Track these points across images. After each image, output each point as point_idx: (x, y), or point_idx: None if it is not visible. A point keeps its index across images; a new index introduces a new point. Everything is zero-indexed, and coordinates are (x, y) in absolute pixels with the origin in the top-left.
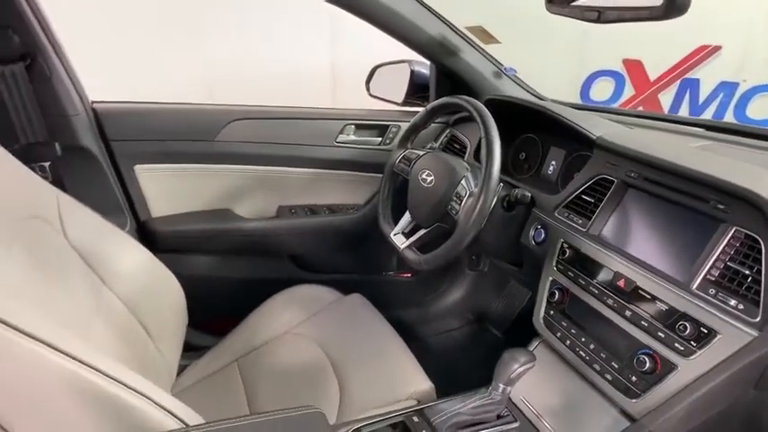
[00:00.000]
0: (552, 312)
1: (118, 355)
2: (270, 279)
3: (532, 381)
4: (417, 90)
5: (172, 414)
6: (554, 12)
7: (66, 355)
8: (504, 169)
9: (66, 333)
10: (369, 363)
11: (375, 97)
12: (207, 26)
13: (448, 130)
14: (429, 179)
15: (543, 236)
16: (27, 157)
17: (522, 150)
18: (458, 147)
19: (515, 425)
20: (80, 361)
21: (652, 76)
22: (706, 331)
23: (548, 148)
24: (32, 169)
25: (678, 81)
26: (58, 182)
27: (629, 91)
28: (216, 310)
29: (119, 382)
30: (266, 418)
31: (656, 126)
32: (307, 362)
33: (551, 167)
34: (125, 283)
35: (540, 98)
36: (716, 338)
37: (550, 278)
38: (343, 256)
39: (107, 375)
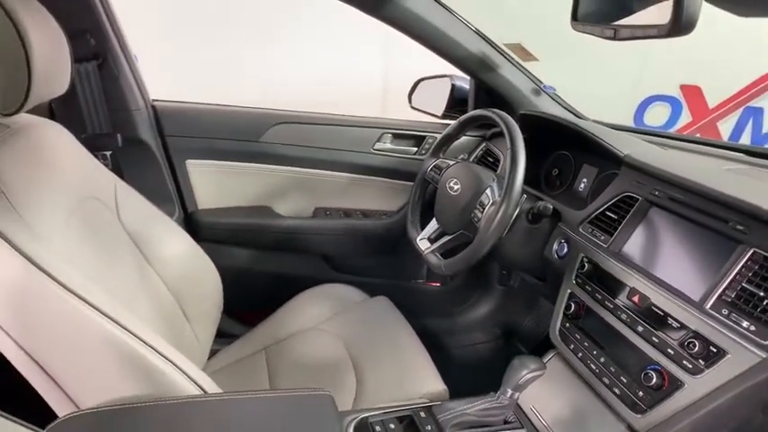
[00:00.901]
0: (568, 325)
1: (157, 329)
2: (302, 276)
3: (543, 391)
4: (457, 104)
5: (194, 382)
6: (578, 29)
7: (107, 316)
8: (536, 184)
9: (109, 299)
10: (387, 361)
11: (416, 109)
12: (268, 33)
13: (483, 144)
14: (456, 187)
15: (566, 250)
16: (92, 145)
17: (555, 166)
18: (491, 160)
19: (522, 431)
20: (118, 323)
21: (711, 103)
22: (715, 350)
23: (580, 165)
24: (96, 157)
25: (739, 109)
26: (117, 170)
27: (685, 117)
28: (250, 300)
29: (150, 347)
30: (278, 395)
31: (694, 149)
32: (328, 356)
33: (583, 184)
34: (168, 266)
35: (579, 116)
36: (724, 358)
37: (568, 291)
38: (374, 260)
39: (140, 339)
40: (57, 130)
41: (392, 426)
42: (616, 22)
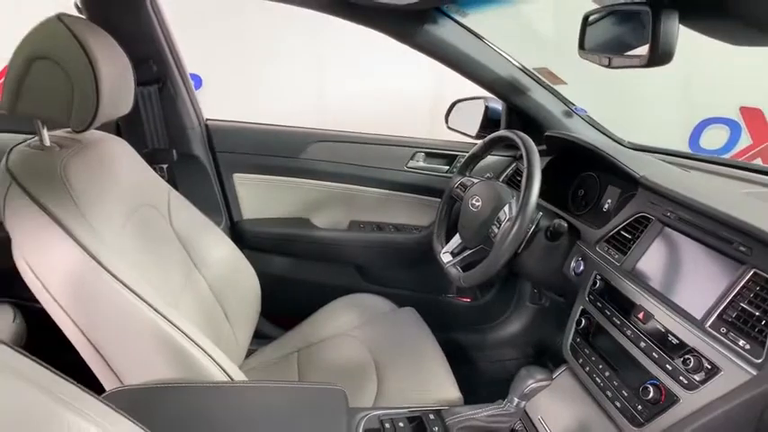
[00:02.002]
0: (579, 340)
1: (198, 325)
2: (336, 285)
3: (552, 403)
4: (490, 125)
5: (223, 370)
6: (583, 57)
7: (152, 307)
8: (562, 204)
9: (156, 294)
10: (407, 367)
11: (452, 130)
12: (326, 53)
13: (514, 164)
14: (477, 204)
15: (582, 267)
16: (152, 159)
17: (581, 187)
18: (519, 179)
19: None
20: (161, 314)
21: None
22: (710, 367)
23: (605, 186)
24: (154, 169)
25: None
26: (171, 181)
27: (745, 140)
28: (287, 305)
29: (188, 337)
30: (294, 386)
31: (721, 171)
32: (354, 360)
33: (607, 204)
34: (212, 270)
35: (613, 139)
36: (718, 374)
37: (581, 308)
38: (405, 273)
39: (180, 329)
40: (120, 145)
41: (401, 425)
42: (612, 53)
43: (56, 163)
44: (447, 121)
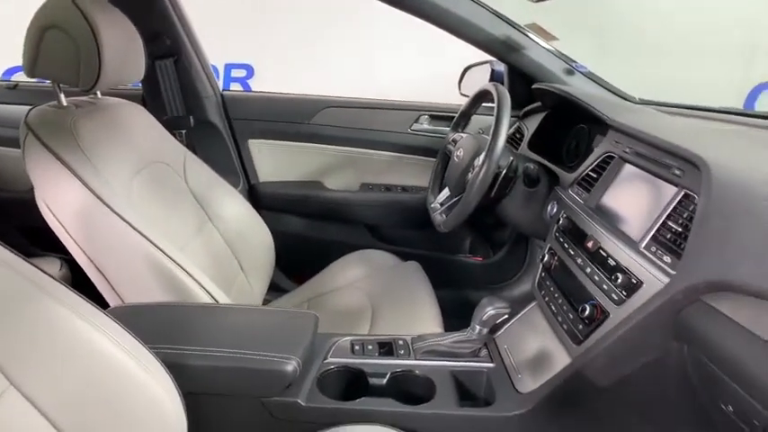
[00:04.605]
0: (543, 275)
1: (205, 268)
2: (348, 243)
3: (517, 334)
4: None
5: (210, 295)
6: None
7: (148, 239)
8: (558, 157)
9: (159, 233)
10: (399, 311)
11: (465, 95)
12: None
13: (516, 123)
14: (460, 155)
15: (555, 209)
16: (171, 125)
17: (575, 139)
18: (519, 137)
19: (490, 365)
20: (157, 246)
21: None
22: (635, 282)
23: (595, 136)
24: (173, 135)
25: None
26: (191, 147)
27: None
28: (302, 261)
29: (180, 267)
30: (271, 309)
31: (712, 117)
32: (354, 307)
33: None
34: (227, 224)
35: (619, 95)
36: (641, 288)
37: (548, 245)
38: (414, 232)
39: (173, 260)
40: (135, 109)
41: (370, 347)
42: None
43: (67, 118)
44: (460, 88)
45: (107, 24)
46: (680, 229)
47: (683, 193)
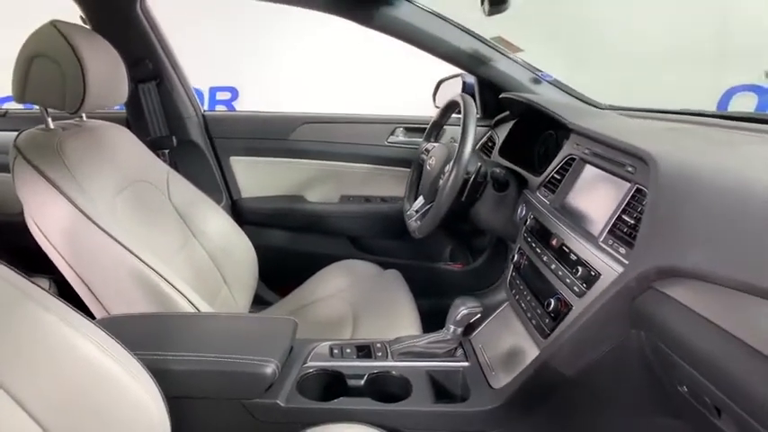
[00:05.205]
0: (514, 274)
1: (190, 282)
2: (330, 255)
3: (492, 334)
4: None
5: (193, 305)
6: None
7: (132, 253)
8: (529, 163)
9: (140, 247)
10: (379, 317)
11: (438, 108)
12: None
13: (489, 132)
14: (432, 163)
15: (524, 212)
16: (154, 146)
17: (544, 145)
18: (491, 144)
19: (466, 364)
20: (141, 259)
21: None
22: (594, 274)
23: (561, 141)
24: (157, 155)
25: None
26: (174, 165)
27: None
28: (286, 274)
29: (164, 279)
30: (251, 316)
31: (674, 118)
32: (337, 316)
33: None
34: (210, 239)
35: (587, 102)
36: (599, 279)
37: (518, 246)
38: (394, 242)
39: (157, 272)
40: (119, 131)
41: (348, 350)
42: None
43: (54, 139)
44: (434, 100)
45: (91, 51)
46: (633, 222)
47: (635, 188)
